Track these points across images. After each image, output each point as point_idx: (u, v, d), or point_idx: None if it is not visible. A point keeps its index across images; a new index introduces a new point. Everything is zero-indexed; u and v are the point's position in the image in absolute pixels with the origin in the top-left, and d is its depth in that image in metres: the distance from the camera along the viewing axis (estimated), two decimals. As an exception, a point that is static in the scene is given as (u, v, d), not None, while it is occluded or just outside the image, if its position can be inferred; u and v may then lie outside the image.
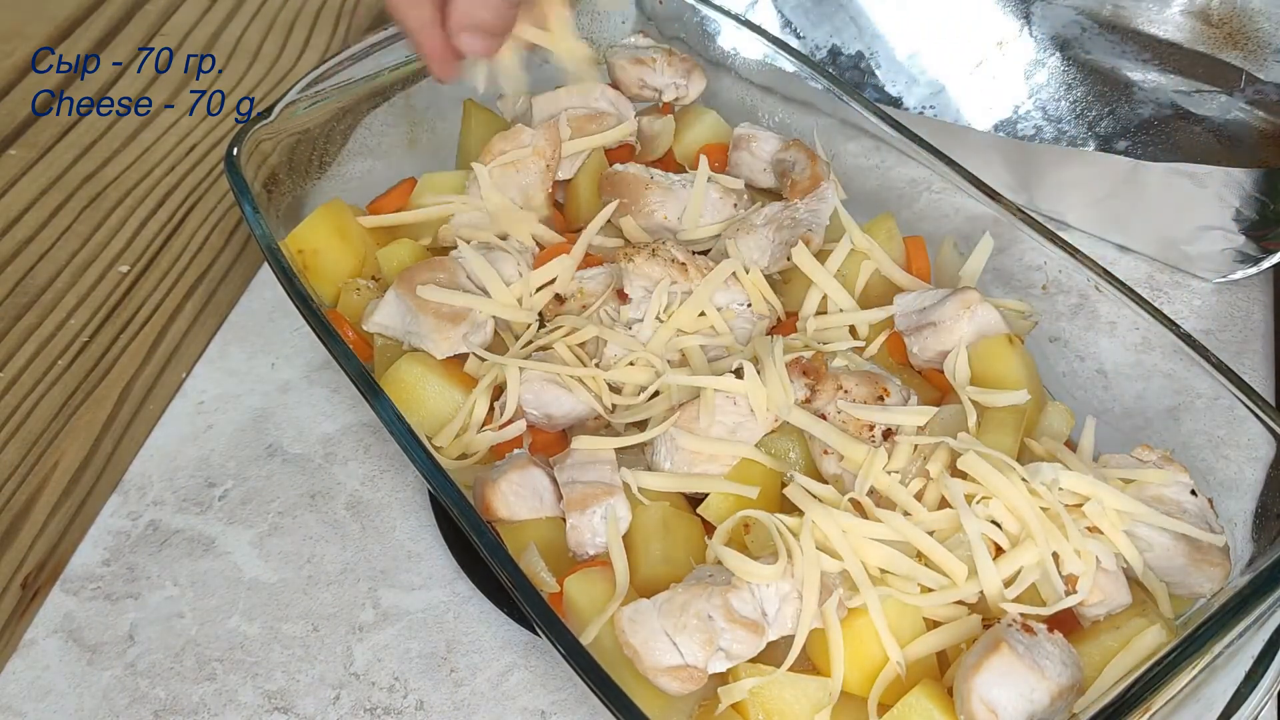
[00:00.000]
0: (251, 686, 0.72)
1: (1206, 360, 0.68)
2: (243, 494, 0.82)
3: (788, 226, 0.79)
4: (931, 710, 0.57)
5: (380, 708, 0.71)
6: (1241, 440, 0.67)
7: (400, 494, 0.82)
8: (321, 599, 0.76)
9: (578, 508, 0.65)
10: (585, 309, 0.76)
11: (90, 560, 0.79)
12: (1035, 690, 0.55)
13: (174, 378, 0.90)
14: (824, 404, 0.68)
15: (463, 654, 0.74)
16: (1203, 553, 0.63)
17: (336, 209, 0.82)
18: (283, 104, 0.82)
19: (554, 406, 0.71)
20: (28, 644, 0.74)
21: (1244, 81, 0.96)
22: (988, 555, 0.60)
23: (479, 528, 0.61)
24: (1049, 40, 1.03)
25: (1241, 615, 0.57)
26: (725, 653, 0.58)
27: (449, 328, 0.73)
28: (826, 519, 0.61)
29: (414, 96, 0.91)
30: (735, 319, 0.75)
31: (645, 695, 0.58)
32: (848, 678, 0.59)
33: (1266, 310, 0.94)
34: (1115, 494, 0.63)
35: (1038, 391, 0.73)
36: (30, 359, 0.89)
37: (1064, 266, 0.75)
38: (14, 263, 0.96)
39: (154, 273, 0.96)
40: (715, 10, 0.95)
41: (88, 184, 1.03)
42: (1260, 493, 0.66)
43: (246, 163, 0.79)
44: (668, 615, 0.58)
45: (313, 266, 0.80)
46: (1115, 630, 0.61)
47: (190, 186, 1.04)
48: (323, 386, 0.89)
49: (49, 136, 1.08)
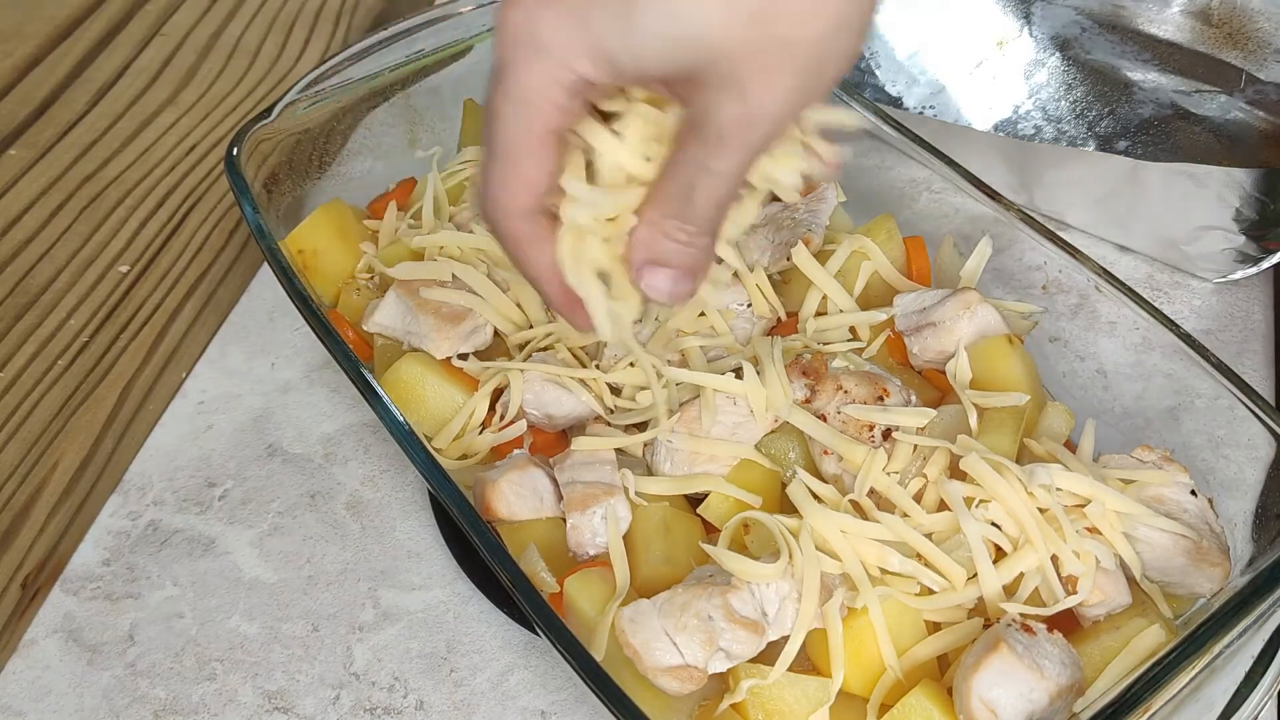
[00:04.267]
0: (251, 686, 0.72)
1: (1206, 360, 0.68)
2: (243, 494, 0.82)
3: (788, 227, 0.79)
4: (931, 710, 0.57)
5: (380, 708, 0.71)
6: (1241, 440, 0.67)
7: (400, 494, 0.82)
8: (321, 599, 0.76)
9: (578, 508, 0.65)
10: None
11: (90, 560, 0.79)
12: (1035, 690, 0.55)
13: (174, 378, 0.90)
14: (824, 404, 0.68)
15: (463, 654, 0.74)
16: (1203, 553, 0.63)
17: (336, 209, 0.82)
18: (283, 104, 0.82)
19: (554, 407, 0.71)
20: (28, 644, 0.74)
21: (1244, 81, 0.96)
22: (988, 558, 0.60)
23: (479, 528, 0.61)
24: (1049, 40, 1.03)
25: (1241, 615, 0.57)
26: (725, 653, 0.58)
27: (449, 328, 0.73)
28: (824, 520, 0.61)
29: (414, 96, 0.91)
30: (735, 319, 0.75)
31: (645, 695, 0.58)
32: (848, 678, 0.60)
33: (1266, 310, 0.94)
34: (1115, 495, 0.63)
35: (1037, 392, 0.73)
36: (30, 359, 0.89)
37: (1064, 266, 0.75)
38: (14, 263, 0.96)
39: (154, 273, 0.96)
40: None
41: (88, 184, 1.03)
42: (1260, 493, 0.66)
43: (246, 163, 0.79)
44: (668, 615, 0.58)
45: (313, 266, 0.80)
46: (1115, 630, 0.61)
47: (190, 186, 1.04)
48: (323, 386, 0.89)
49: (49, 136, 1.08)
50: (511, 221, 0.51)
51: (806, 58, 0.45)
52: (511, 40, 0.47)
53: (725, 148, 0.47)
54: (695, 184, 0.48)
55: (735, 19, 0.44)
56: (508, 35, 0.47)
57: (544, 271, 0.52)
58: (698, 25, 0.44)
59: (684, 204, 0.49)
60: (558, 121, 0.48)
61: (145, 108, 1.11)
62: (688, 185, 0.48)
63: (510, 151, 0.49)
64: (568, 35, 0.46)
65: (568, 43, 0.46)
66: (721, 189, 0.48)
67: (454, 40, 0.90)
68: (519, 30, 0.47)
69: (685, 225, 0.49)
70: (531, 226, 0.51)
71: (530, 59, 0.47)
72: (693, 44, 0.45)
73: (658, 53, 0.45)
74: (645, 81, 0.49)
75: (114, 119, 1.10)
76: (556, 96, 0.47)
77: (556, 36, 0.46)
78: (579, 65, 0.46)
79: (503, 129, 0.48)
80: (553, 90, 0.47)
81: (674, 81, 0.48)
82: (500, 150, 0.49)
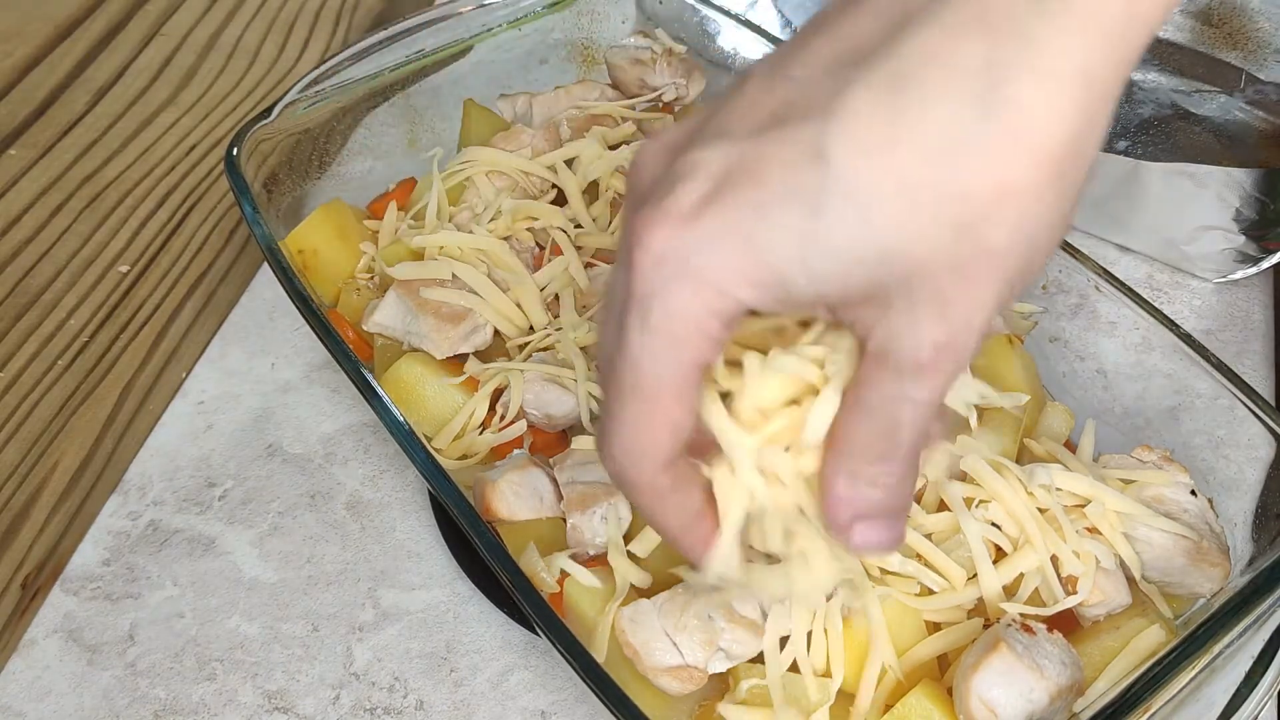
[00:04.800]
0: (251, 686, 0.72)
1: (1206, 360, 0.68)
2: (243, 494, 0.82)
3: (788, 226, 0.79)
4: (931, 710, 0.57)
5: (380, 708, 0.71)
6: (1241, 440, 0.67)
7: (400, 494, 0.82)
8: (321, 599, 0.76)
9: (578, 508, 0.65)
10: (586, 309, 0.76)
11: (90, 560, 0.79)
12: (1034, 690, 0.55)
13: (174, 378, 0.90)
14: (824, 404, 0.68)
15: (463, 654, 0.74)
16: (1203, 553, 0.63)
17: (336, 209, 0.82)
18: (283, 104, 0.82)
19: (555, 407, 0.71)
20: (28, 644, 0.74)
21: (1244, 81, 0.96)
22: (988, 558, 0.60)
23: (479, 528, 0.61)
24: (1049, 40, 1.03)
25: (1241, 615, 0.57)
26: (725, 653, 0.58)
27: (449, 328, 0.73)
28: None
29: (414, 96, 0.91)
30: (735, 319, 0.75)
31: (645, 695, 0.58)
32: (848, 678, 0.59)
33: (1266, 310, 0.94)
34: (1115, 495, 0.63)
35: (1037, 392, 0.73)
36: (30, 359, 0.89)
37: (1064, 266, 0.75)
38: (14, 263, 0.96)
39: (154, 273, 0.96)
40: (715, 10, 0.95)
41: (88, 184, 1.03)
42: (1260, 493, 0.66)
43: (246, 163, 0.79)
44: (668, 615, 0.58)
45: (313, 266, 0.80)
46: (1115, 630, 0.61)
47: (190, 186, 1.04)
48: (323, 386, 0.89)
49: (49, 136, 1.08)
50: (652, 471, 0.43)
51: (1015, 267, 0.38)
52: (654, 266, 0.39)
53: (926, 374, 0.40)
54: (896, 420, 0.41)
55: (940, 230, 0.37)
56: (650, 260, 0.39)
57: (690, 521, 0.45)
58: (895, 237, 0.37)
59: (886, 444, 0.42)
60: (709, 356, 0.41)
61: (145, 108, 1.11)
62: (888, 424, 0.41)
63: (653, 393, 0.41)
64: (726, 258, 0.38)
65: (726, 266, 0.38)
66: (924, 418, 0.41)
67: (454, 40, 0.90)
68: (665, 254, 0.39)
69: (890, 468, 0.42)
70: (673, 474, 0.44)
71: (680, 288, 0.39)
72: (886, 260, 0.37)
73: (842, 272, 0.38)
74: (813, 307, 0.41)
75: (114, 119, 1.10)
76: (711, 329, 0.40)
77: (713, 260, 0.38)
78: (740, 292, 0.39)
79: (646, 366, 0.41)
80: (707, 322, 0.40)
81: (848, 304, 0.40)
82: (640, 391, 0.41)
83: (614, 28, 1.00)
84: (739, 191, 0.38)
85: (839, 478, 0.42)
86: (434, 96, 0.91)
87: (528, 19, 0.94)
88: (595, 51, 0.99)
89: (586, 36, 0.99)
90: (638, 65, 0.91)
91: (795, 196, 0.37)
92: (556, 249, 0.78)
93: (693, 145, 0.40)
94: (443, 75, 0.91)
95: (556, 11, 0.95)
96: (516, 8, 0.93)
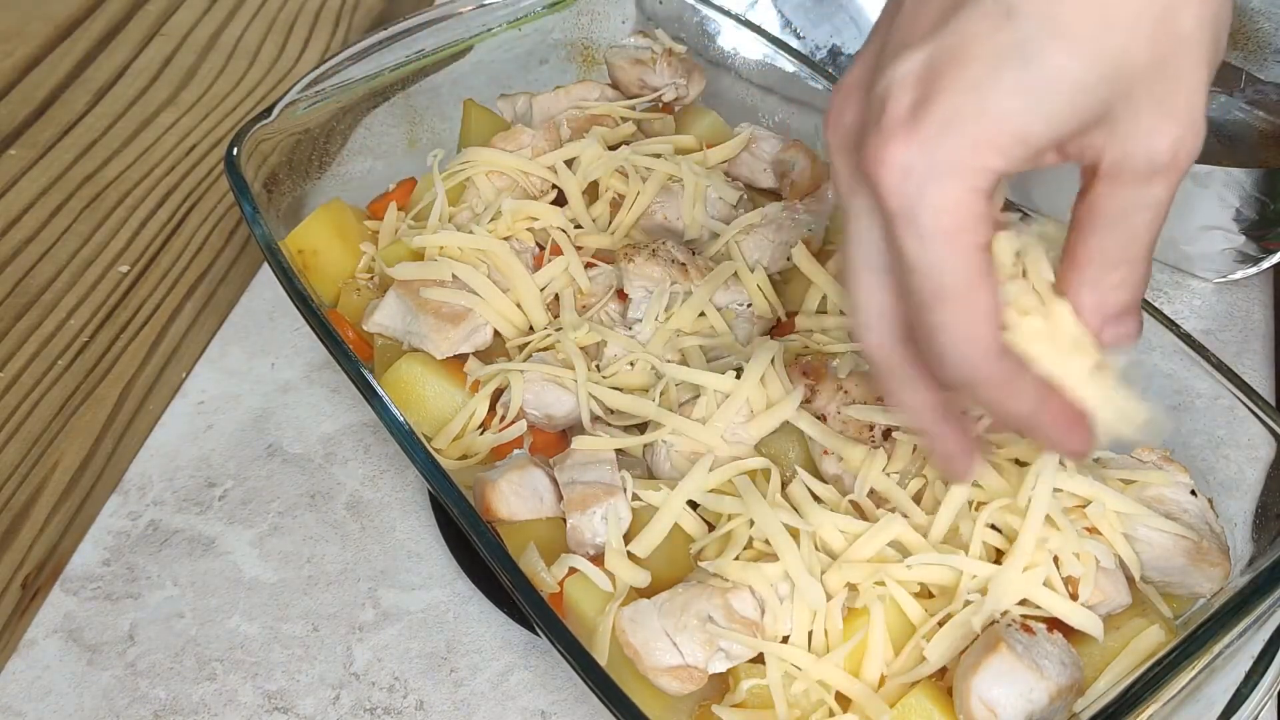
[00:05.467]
0: (251, 686, 0.72)
1: (1206, 360, 0.68)
2: (243, 494, 0.82)
3: (788, 227, 0.79)
4: (931, 710, 0.57)
5: (380, 708, 0.71)
6: (1241, 440, 0.67)
7: (400, 494, 0.82)
8: (321, 599, 0.76)
9: (578, 508, 0.65)
10: (586, 309, 0.76)
11: (90, 560, 0.79)
12: (1034, 690, 0.55)
13: (174, 378, 0.90)
14: (824, 405, 0.68)
15: (463, 654, 0.74)
16: (1202, 553, 0.63)
17: (336, 209, 0.82)
18: (283, 104, 0.82)
19: (555, 407, 0.71)
20: (28, 644, 0.74)
21: (1244, 81, 0.96)
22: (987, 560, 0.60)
23: (479, 528, 0.61)
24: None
25: (1241, 615, 0.57)
26: (725, 653, 0.58)
27: (449, 328, 0.73)
28: (824, 520, 0.61)
29: (414, 96, 0.91)
30: (735, 319, 0.75)
31: (645, 695, 0.58)
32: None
33: (1266, 310, 0.94)
34: (1115, 495, 0.63)
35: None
36: (30, 359, 0.89)
37: (1064, 266, 0.75)
38: (14, 263, 0.96)
39: (154, 273, 0.96)
40: (715, 10, 0.95)
41: (88, 184, 1.03)
42: (1260, 493, 0.66)
43: (246, 163, 0.79)
44: (668, 615, 0.58)
45: (313, 266, 0.80)
46: (1115, 630, 0.61)
47: (190, 186, 1.04)
48: (323, 386, 0.89)
49: (49, 136, 1.08)
50: (991, 360, 0.44)
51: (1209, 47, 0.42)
52: (904, 178, 0.41)
53: (1160, 174, 0.43)
54: (1138, 225, 0.44)
55: (1138, 31, 0.40)
56: (898, 176, 0.41)
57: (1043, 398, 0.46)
58: (1106, 50, 0.40)
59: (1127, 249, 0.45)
60: (986, 233, 0.43)
61: (145, 108, 1.12)
62: (1130, 232, 0.44)
63: (957, 288, 0.43)
64: (964, 140, 0.41)
65: (970, 147, 0.41)
66: (1162, 218, 0.44)
67: (454, 40, 0.90)
68: (909, 164, 0.41)
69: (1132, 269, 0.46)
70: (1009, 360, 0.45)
71: (938, 185, 0.41)
72: (1106, 77, 0.40)
73: (1070, 105, 0.41)
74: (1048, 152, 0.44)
75: (114, 119, 1.10)
76: (979, 208, 0.42)
77: (958, 148, 0.41)
78: (991, 161, 0.41)
79: (939, 267, 0.42)
80: (974, 203, 0.42)
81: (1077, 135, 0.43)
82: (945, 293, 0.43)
83: (614, 28, 1.00)
84: (950, 80, 0.41)
85: (1083, 291, 0.46)
86: (434, 96, 0.91)
87: (528, 19, 0.94)
88: (595, 51, 0.99)
89: (586, 36, 0.99)
90: (638, 65, 0.91)
91: (1005, 58, 0.40)
92: (556, 249, 0.78)
93: (881, 70, 0.43)
94: (443, 75, 0.91)
95: (556, 11, 0.95)
96: (516, 8, 0.93)
